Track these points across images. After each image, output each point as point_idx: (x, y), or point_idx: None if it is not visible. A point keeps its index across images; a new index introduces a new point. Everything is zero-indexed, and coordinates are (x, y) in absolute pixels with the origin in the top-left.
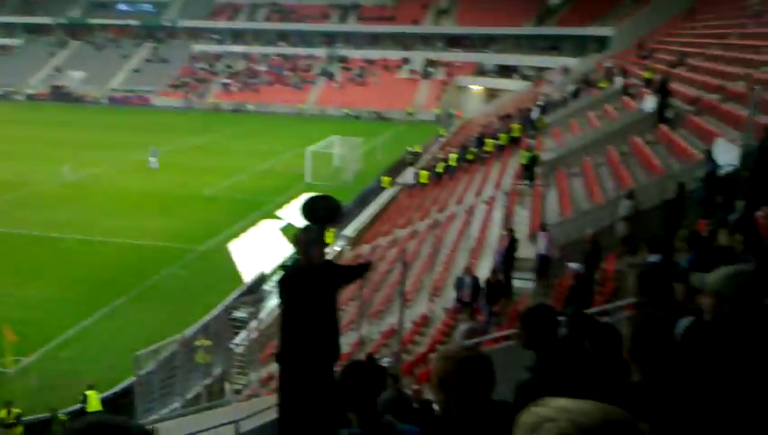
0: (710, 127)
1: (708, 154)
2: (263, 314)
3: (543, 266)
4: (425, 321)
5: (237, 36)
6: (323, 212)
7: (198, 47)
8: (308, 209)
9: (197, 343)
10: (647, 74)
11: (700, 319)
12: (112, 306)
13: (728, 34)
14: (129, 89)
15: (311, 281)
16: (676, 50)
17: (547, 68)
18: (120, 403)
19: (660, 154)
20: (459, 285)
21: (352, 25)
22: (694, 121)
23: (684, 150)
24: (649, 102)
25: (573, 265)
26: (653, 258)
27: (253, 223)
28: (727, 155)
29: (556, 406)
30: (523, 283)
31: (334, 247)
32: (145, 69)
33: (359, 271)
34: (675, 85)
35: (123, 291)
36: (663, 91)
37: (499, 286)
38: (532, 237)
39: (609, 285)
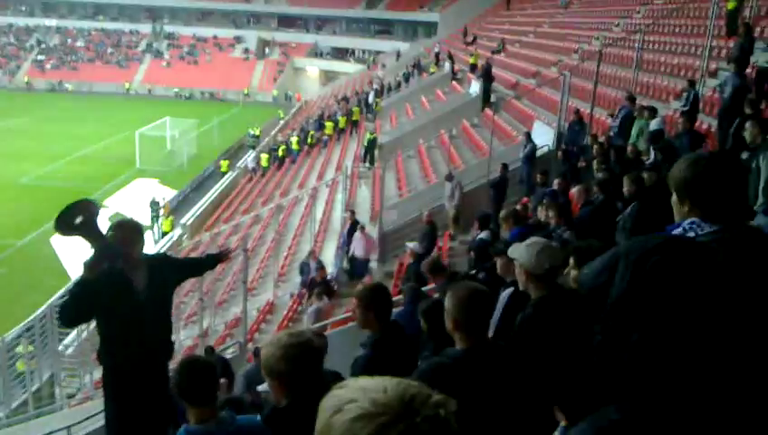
0: (528, 110)
1: (528, 136)
2: None
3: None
4: (271, 308)
5: (49, 8)
6: (81, 219)
7: (3, 19)
8: (62, 225)
9: (19, 349)
10: (472, 60)
11: (519, 290)
12: None
13: (542, 23)
14: None
15: (119, 283)
16: (497, 37)
17: (380, 51)
18: None
19: (485, 136)
20: (303, 269)
21: (178, 0)
22: (514, 105)
23: (506, 132)
24: (475, 87)
25: (411, 245)
26: (483, 235)
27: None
28: (544, 136)
29: (355, 386)
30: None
31: (172, 236)
32: None
33: (209, 262)
34: (496, 71)
35: None
36: (487, 76)
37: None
38: (374, 219)
39: (445, 260)
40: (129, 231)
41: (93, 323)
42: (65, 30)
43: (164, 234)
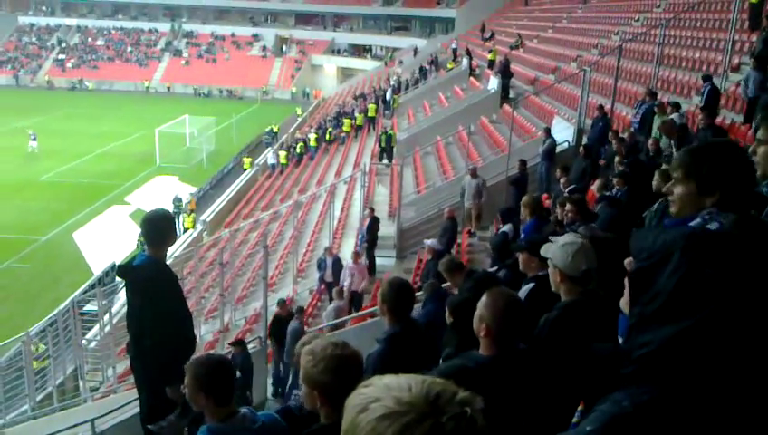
0: (547, 106)
1: (548, 132)
2: (115, 307)
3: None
4: (290, 303)
5: (69, 8)
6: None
7: (25, 19)
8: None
9: (33, 348)
10: (491, 56)
11: (539, 286)
12: None
13: (561, 18)
14: None
15: (158, 273)
16: (515, 32)
17: (398, 48)
18: None
19: (504, 132)
20: (320, 265)
21: None
22: (533, 101)
23: (525, 128)
24: (493, 83)
25: (429, 242)
26: (506, 228)
27: (99, 210)
28: (563, 132)
29: (379, 384)
30: (385, 260)
31: (193, 233)
32: None
33: None
34: (515, 66)
35: None
36: (505, 72)
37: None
38: (392, 216)
39: (463, 259)
40: (168, 221)
41: (117, 317)
42: (86, 29)
43: (185, 230)
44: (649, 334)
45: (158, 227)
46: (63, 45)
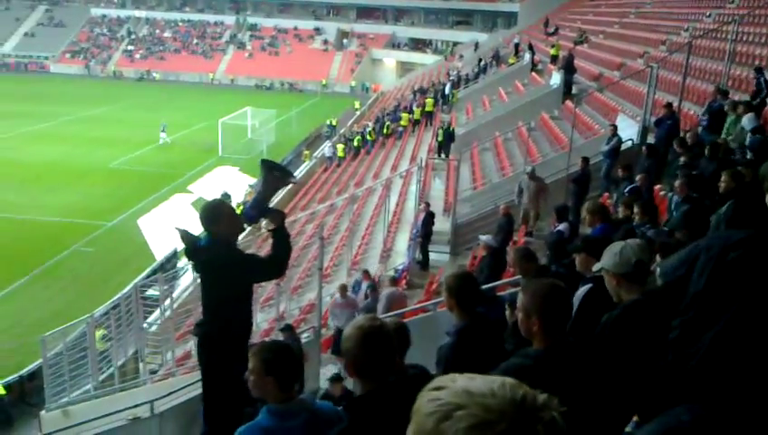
0: (611, 103)
1: (615, 129)
2: (176, 293)
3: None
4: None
5: (138, 0)
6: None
7: (97, 11)
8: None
9: (97, 332)
10: (553, 51)
11: (597, 287)
12: (14, 286)
13: (627, 13)
14: (22, 54)
15: (224, 255)
16: (580, 27)
17: (458, 42)
18: (28, 386)
19: (565, 129)
20: (354, 288)
21: None
22: (597, 97)
23: (587, 125)
24: (556, 78)
25: (484, 238)
26: (561, 227)
27: (163, 197)
28: (627, 130)
29: (456, 389)
30: (439, 256)
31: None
32: (39, 33)
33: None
34: (579, 62)
35: (25, 270)
36: (569, 67)
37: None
38: (447, 211)
39: None
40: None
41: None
42: (154, 21)
43: None
44: (696, 341)
45: (204, 215)
46: (132, 37)
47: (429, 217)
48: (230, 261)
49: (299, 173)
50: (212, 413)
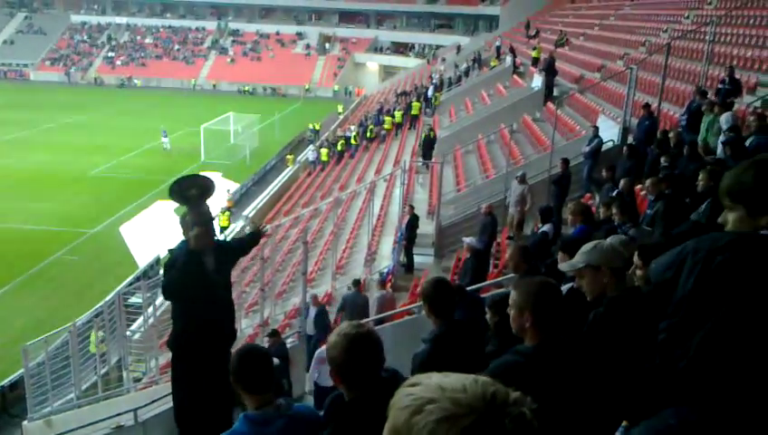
0: (592, 105)
1: (596, 131)
2: (159, 300)
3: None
4: (329, 299)
5: (119, 7)
6: (195, 191)
7: (77, 17)
8: (176, 190)
9: (92, 336)
10: (534, 53)
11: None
12: None
13: (608, 16)
14: (1, 62)
15: (196, 265)
16: (561, 30)
17: (441, 46)
18: (9, 396)
19: (547, 131)
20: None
21: None
22: (578, 99)
23: (569, 127)
24: (537, 81)
25: (468, 240)
26: (545, 227)
27: (146, 204)
28: (608, 131)
29: (430, 384)
30: (423, 258)
31: (233, 229)
32: (18, 40)
33: (251, 240)
34: (560, 64)
35: (7, 279)
36: (550, 69)
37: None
38: (432, 214)
39: (502, 258)
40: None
41: (161, 310)
42: (135, 27)
43: (222, 229)
44: (683, 344)
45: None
46: (113, 43)
47: (413, 220)
48: (200, 268)
49: (282, 178)
50: (184, 422)
